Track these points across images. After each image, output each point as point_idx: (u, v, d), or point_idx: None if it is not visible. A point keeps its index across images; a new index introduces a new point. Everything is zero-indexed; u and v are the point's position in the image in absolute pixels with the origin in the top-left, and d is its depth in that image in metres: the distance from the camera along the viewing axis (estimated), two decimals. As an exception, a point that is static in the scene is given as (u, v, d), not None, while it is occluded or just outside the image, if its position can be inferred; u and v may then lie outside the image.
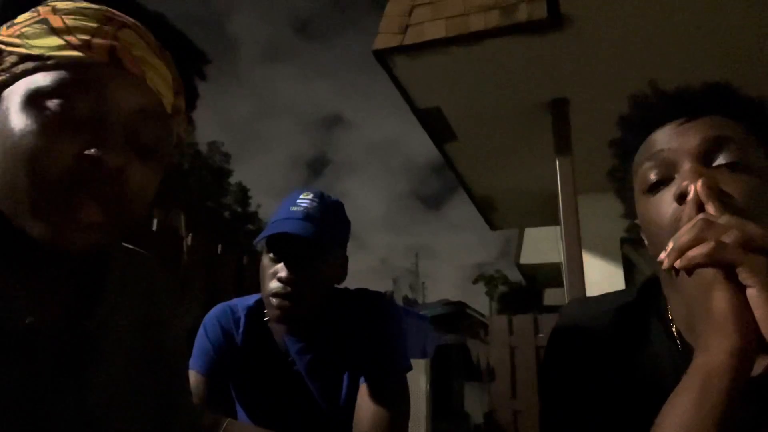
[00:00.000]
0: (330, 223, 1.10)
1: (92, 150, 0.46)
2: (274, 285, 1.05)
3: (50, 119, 0.45)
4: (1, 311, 0.46)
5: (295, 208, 1.08)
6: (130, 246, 0.65)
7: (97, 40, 0.48)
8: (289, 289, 1.04)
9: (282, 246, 1.05)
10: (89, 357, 0.53)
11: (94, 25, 0.49)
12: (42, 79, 0.46)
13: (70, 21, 0.48)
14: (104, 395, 0.53)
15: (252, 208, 25.63)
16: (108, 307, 0.56)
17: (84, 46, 0.48)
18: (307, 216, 1.06)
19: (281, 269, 1.05)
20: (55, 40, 0.47)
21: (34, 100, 0.46)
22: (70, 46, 0.47)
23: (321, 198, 1.11)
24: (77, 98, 0.47)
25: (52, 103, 0.46)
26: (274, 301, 1.05)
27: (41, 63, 0.47)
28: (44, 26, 0.48)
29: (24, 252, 0.49)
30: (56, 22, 0.48)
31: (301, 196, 1.10)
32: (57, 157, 0.45)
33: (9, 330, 0.46)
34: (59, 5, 0.50)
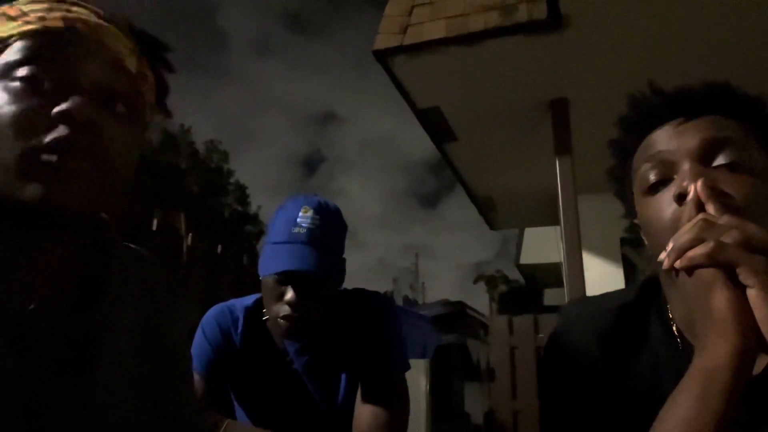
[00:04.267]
0: (334, 238, 1.08)
1: (61, 106, 0.49)
2: (283, 309, 1.03)
3: (20, 88, 0.49)
4: (3, 296, 0.46)
5: (297, 230, 1.03)
6: (131, 245, 0.66)
7: (51, 14, 0.53)
8: (298, 314, 1.03)
9: (289, 274, 1.02)
10: (92, 350, 0.53)
11: (47, 5, 0.54)
12: (7, 56, 0.50)
13: (24, 7, 0.53)
14: (106, 389, 0.53)
15: (252, 209, 25.51)
16: (110, 302, 0.56)
17: (39, 20, 0.52)
18: (311, 239, 1.03)
19: (288, 292, 1.03)
20: (13, 24, 0.52)
21: (2, 75, 0.50)
22: (26, 23, 0.52)
23: (321, 212, 1.06)
24: (41, 65, 0.50)
25: (20, 74, 0.49)
26: (283, 323, 1.04)
27: (3, 45, 0.51)
28: (3, 17, 0.53)
29: (22, 231, 0.49)
30: (12, 11, 0.53)
31: (301, 214, 1.05)
32: (33, 121, 0.48)
33: (11, 315, 0.46)
34: (17, 2, 0.54)
